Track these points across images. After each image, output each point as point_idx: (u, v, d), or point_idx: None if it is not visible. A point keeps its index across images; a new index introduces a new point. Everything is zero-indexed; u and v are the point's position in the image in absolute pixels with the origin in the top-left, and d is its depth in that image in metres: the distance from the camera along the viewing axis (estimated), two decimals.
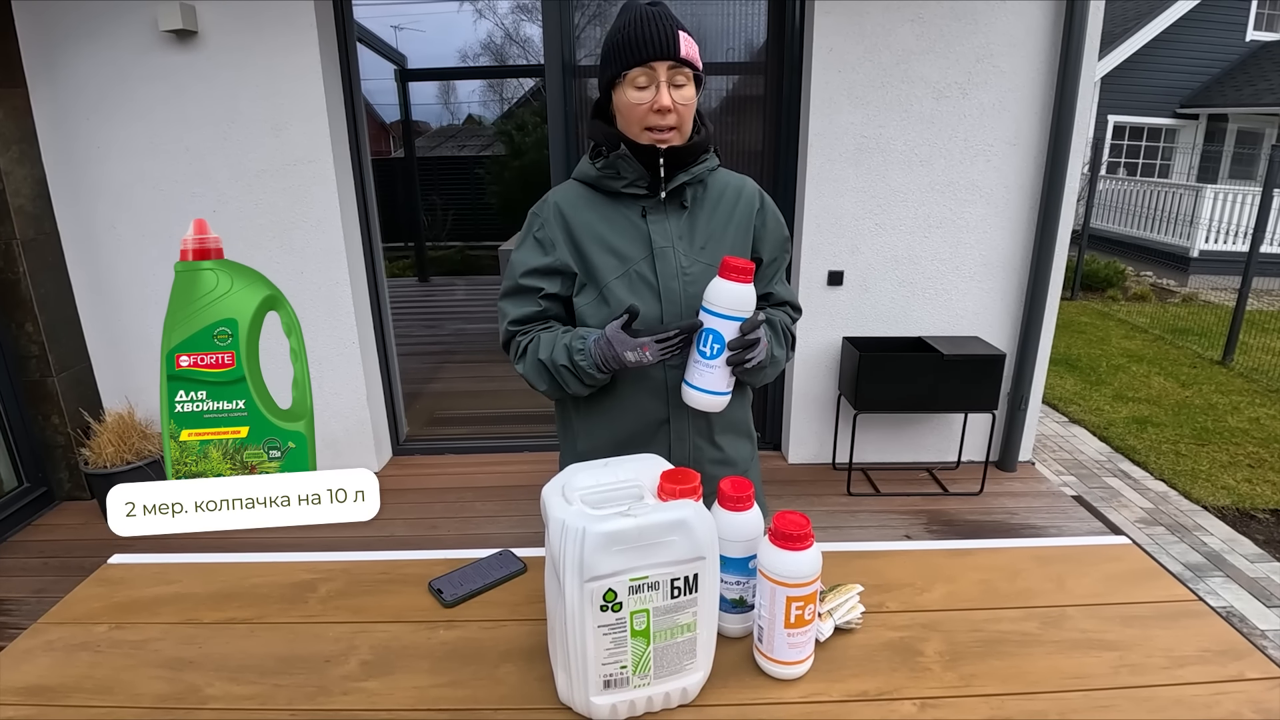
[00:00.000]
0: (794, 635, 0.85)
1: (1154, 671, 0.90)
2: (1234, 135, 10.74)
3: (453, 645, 0.95)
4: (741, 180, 1.25)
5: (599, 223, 1.16)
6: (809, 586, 0.84)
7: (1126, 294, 7.80)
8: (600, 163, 1.16)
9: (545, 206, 1.20)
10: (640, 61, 1.06)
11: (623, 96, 1.10)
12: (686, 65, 1.08)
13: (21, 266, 2.77)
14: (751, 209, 1.22)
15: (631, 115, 1.10)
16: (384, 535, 2.79)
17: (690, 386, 1.07)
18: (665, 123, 1.09)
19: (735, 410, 1.25)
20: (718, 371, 1.04)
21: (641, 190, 1.15)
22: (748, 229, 1.21)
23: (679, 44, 1.06)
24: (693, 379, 1.07)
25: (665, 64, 1.06)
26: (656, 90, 1.07)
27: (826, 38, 2.79)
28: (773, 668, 0.88)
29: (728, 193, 1.21)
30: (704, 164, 1.17)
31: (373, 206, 3.18)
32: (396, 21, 5.09)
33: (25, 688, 0.89)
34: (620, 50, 1.08)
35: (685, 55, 1.07)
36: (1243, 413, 4.31)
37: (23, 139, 2.77)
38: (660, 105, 1.07)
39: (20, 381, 2.92)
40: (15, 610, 2.36)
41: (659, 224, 1.16)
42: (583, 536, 0.73)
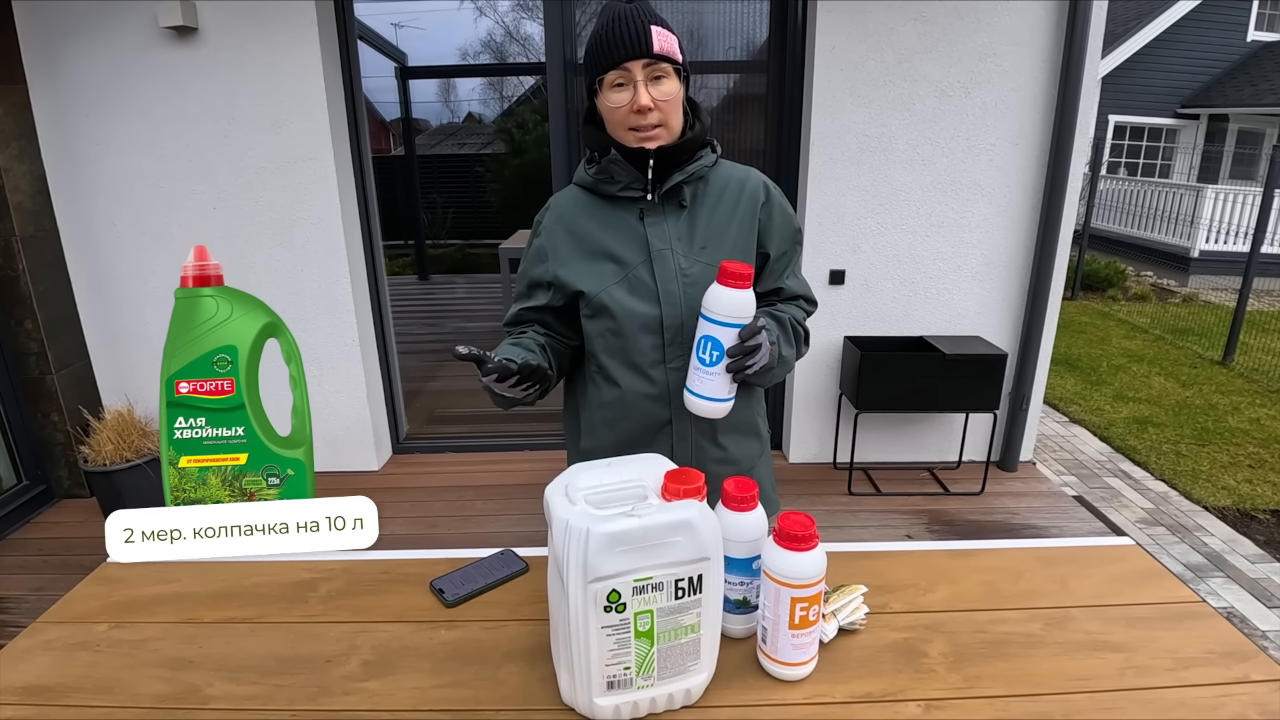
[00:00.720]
0: (798, 636, 0.85)
1: (1159, 673, 0.89)
2: (1235, 135, 10.74)
3: (454, 645, 0.95)
4: (745, 172, 1.21)
5: (598, 229, 1.15)
6: (813, 587, 0.83)
7: (1127, 294, 7.80)
8: (593, 169, 1.14)
9: (547, 215, 1.20)
10: (613, 64, 1.03)
11: (604, 101, 1.08)
12: (663, 60, 1.04)
13: (21, 263, 2.76)
14: (756, 202, 1.18)
15: (614, 119, 1.08)
16: (383, 534, 2.77)
17: (691, 393, 1.05)
18: (647, 121, 1.06)
19: (740, 411, 1.23)
20: (718, 378, 1.03)
21: (637, 193, 1.13)
22: (752, 224, 1.18)
23: (650, 40, 1.02)
24: (694, 386, 1.05)
25: (639, 62, 1.03)
26: (634, 90, 1.04)
27: (829, 36, 2.79)
28: (777, 669, 0.87)
29: (730, 187, 1.18)
30: (700, 161, 1.14)
31: (373, 204, 3.18)
32: (397, 19, 5.08)
33: (24, 687, 0.89)
34: (594, 54, 1.06)
35: (659, 50, 1.03)
36: (1243, 413, 4.31)
37: (22, 135, 2.77)
38: (639, 105, 1.04)
39: (19, 379, 2.91)
40: (14, 608, 2.36)
41: (656, 226, 1.13)
42: (587, 537, 0.72)
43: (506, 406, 1.10)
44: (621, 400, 1.17)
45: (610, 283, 1.13)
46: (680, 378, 1.11)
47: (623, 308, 1.12)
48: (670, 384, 1.14)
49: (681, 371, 1.11)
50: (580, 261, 1.15)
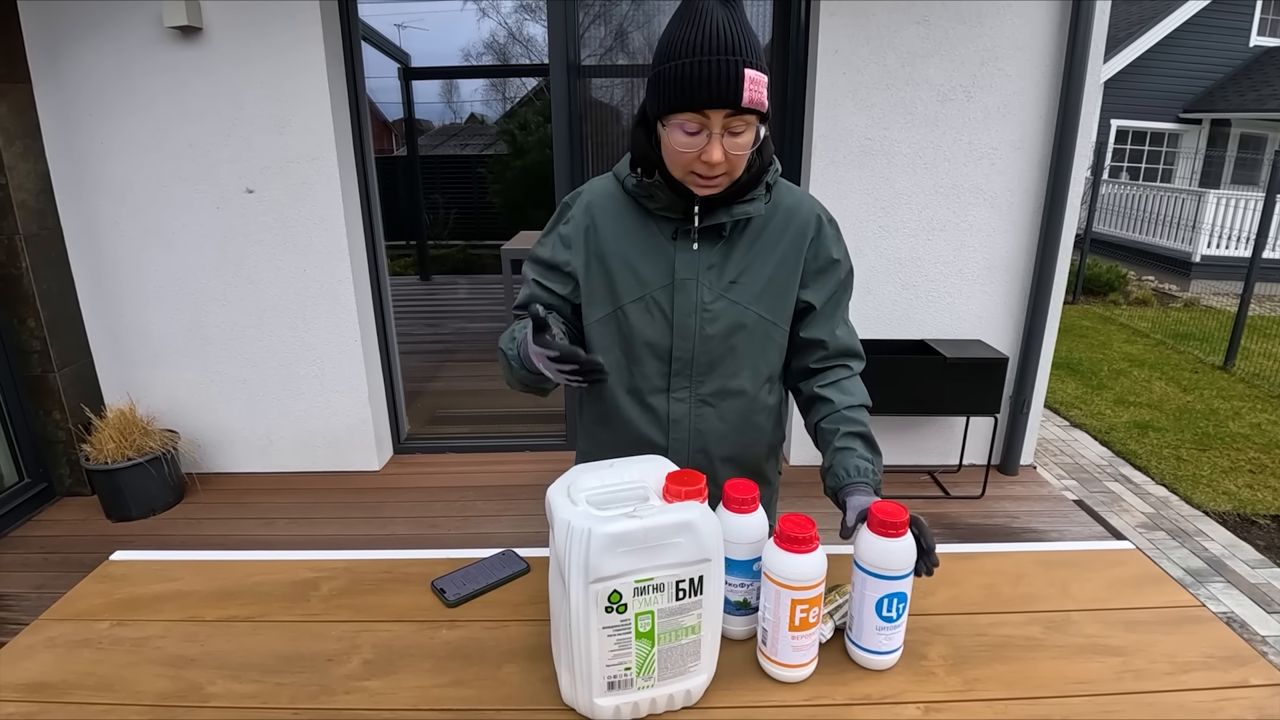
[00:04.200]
0: (798, 638, 0.85)
1: (1158, 677, 0.89)
2: (1237, 140, 10.75)
3: (455, 645, 0.95)
4: (798, 201, 1.08)
5: (626, 237, 1.06)
6: (813, 590, 0.84)
7: (1128, 298, 7.80)
8: (632, 180, 1.04)
9: (579, 201, 1.10)
10: (693, 108, 0.89)
11: (669, 136, 0.94)
12: (749, 112, 0.90)
13: (24, 261, 2.77)
14: (804, 238, 1.06)
15: (676, 159, 0.96)
16: (385, 534, 2.79)
17: (868, 651, 0.90)
18: (712, 174, 0.94)
19: (746, 452, 1.16)
20: (900, 630, 0.90)
21: (676, 215, 1.03)
22: (796, 262, 1.06)
23: (742, 90, 0.87)
24: (873, 645, 0.89)
25: (722, 112, 0.89)
26: (708, 140, 0.91)
27: (831, 39, 2.79)
28: (777, 670, 0.87)
29: (776, 218, 1.06)
30: (751, 203, 1.02)
31: (376, 204, 3.18)
32: (401, 20, 5.10)
33: (26, 684, 0.89)
34: (672, 85, 0.89)
35: (749, 102, 0.88)
36: (1244, 418, 4.31)
37: (26, 134, 2.77)
38: (709, 159, 0.91)
39: (22, 376, 2.92)
40: (15, 605, 2.36)
41: (686, 253, 1.04)
42: (588, 537, 0.72)
43: (530, 387, 1.05)
44: (619, 422, 1.13)
45: (628, 299, 1.06)
46: (681, 408, 1.09)
47: (634, 328, 1.07)
48: (670, 413, 1.10)
49: (683, 402, 1.09)
50: (599, 266, 1.07)
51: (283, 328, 3.09)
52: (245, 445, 3.25)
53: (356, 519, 2.91)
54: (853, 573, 0.89)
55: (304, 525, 2.87)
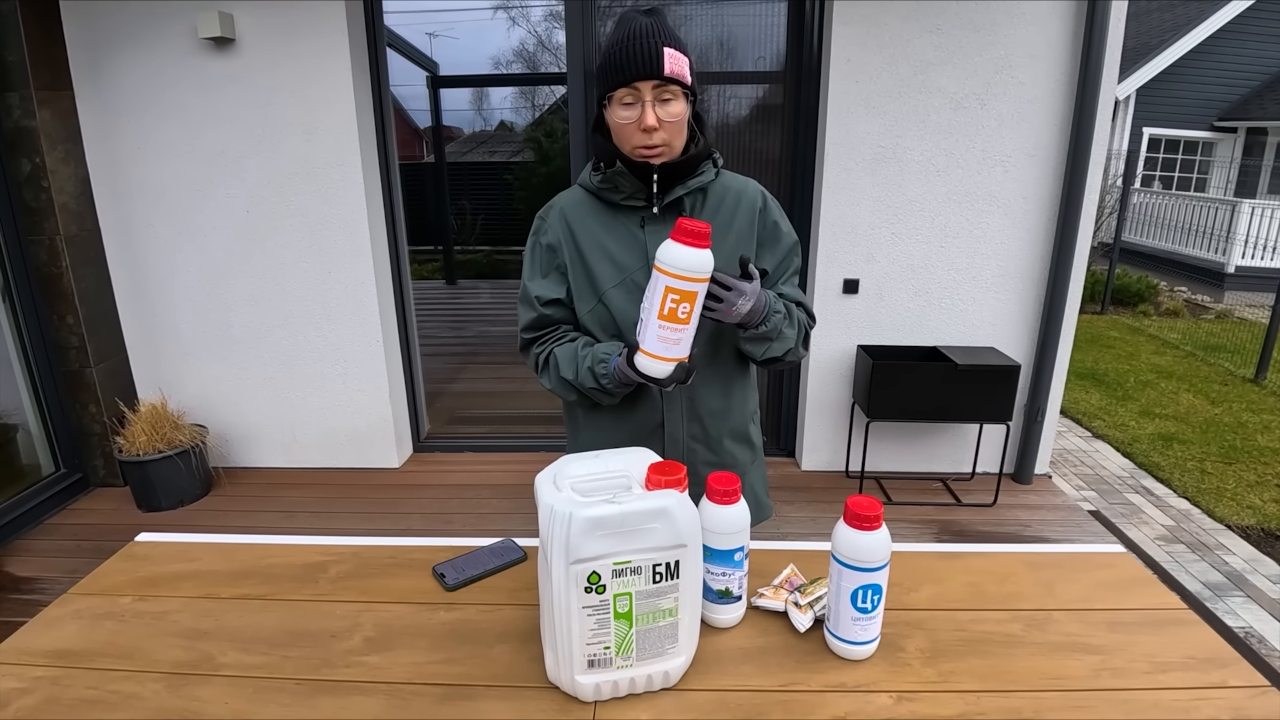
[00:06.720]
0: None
1: (1135, 675, 0.90)
2: (1274, 149, 10.47)
3: (451, 626, 1.00)
4: (744, 184, 1.25)
5: (601, 231, 1.19)
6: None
7: (1159, 309, 7.65)
8: (598, 176, 1.18)
9: (550, 211, 1.24)
10: (624, 82, 1.07)
11: (612, 115, 1.12)
12: (673, 82, 1.07)
13: (64, 261, 2.90)
14: (754, 211, 1.22)
15: (621, 133, 1.12)
16: (401, 529, 2.86)
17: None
18: (652, 141, 1.10)
19: (735, 417, 1.28)
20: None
21: (640, 203, 1.17)
22: (750, 232, 1.21)
23: (663, 62, 1.05)
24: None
25: (650, 83, 1.06)
26: (642, 109, 1.08)
27: (844, 48, 2.81)
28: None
29: (728, 198, 1.21)
30: (701, 175, 1.17)
31: (399, 209, 3.27)
32: (431, 29, 5.20)
33: (53, 651, 0.96)
34: (606, 69, 1.09)
35: (670, 73, 1.06)
36: (1273, 432, 4.21)
37: (68, 139, 2.91)
38: (645, 125, 1.08)
39: (60, 371, 3.05)
40: (48, 589, 2.47)
41: (656, 234, 1.16)
42: (569, 521, 0.77)
43: (593, 397, 1.18)
44: (617, 403, 1.21)
45: (609, 285, 1.18)
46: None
47: (620, 310, 1.17)
48: (662, 388, 1.17)
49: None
50: (580, 262, 1.20)
51: (308, 328, 3.19)
52: (270, 441, 3.35)
53: (375, 514, 2.99)
54: (829, 564, 0.93)
55: (324, 519, 2.95)
